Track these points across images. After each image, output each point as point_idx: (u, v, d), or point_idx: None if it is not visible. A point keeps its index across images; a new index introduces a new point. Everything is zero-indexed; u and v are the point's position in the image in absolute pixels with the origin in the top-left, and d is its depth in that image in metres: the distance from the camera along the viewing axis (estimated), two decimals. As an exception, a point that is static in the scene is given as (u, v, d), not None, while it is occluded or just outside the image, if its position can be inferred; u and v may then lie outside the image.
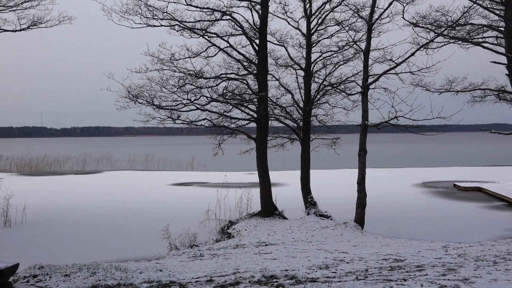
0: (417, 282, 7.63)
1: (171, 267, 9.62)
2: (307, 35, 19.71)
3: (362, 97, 16.54)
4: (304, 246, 12.59)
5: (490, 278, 7.96)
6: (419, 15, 17.89)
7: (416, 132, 15.74)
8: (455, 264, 9.62)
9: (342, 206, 20.42)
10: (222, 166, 46.18)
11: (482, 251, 11.67)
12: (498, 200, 23.97)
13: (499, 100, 19.00)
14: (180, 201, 24.29)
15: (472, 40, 18.08)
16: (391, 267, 9.25)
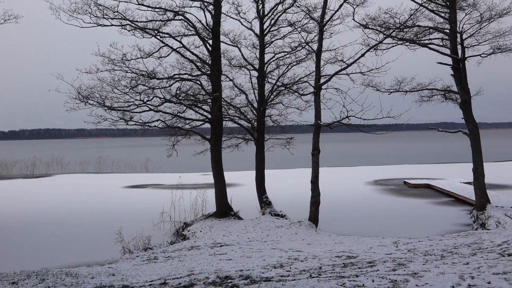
0: (369, 278, 7.81)
1: (124, 271, 9.45)
2: (260, 36, 19.83)
3: (314, 97, 16.77)
4: (259, 246, 12.65)
5: (437, 271, 8.24)
6: (369, 17, 18.36)
7: (367, 131, 16.11)
8: (405, 259, 9.91)
9: (296, 205, 20.62)
10: (177, 167, 45.74)
11: (431, 245, 12.06)
12: (446, 196, 24.84)
13: (445, 100, 19.71)
14: (134, 204, 23.89)
15: (419, 41, 18.68)
16: (344, 264, 9.43)
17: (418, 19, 18.71)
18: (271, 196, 19.86)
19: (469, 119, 17.95)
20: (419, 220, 18.39)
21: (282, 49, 20.36)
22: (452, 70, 18.01)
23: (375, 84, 18.74)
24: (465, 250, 10.83)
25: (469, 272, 8.11)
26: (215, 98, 17.86)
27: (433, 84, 19.31)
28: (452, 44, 17.98)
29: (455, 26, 17.73)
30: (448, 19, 17.80)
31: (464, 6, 18.23)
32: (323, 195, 17.31)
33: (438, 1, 18.05)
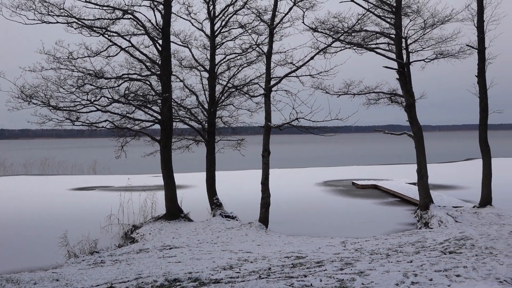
0: (317, 278, 7.93)
1: (69, 276, 9.17)
2: (211, 37, 19.76)
3: (265, 99, 16.88)
4: (209, 248, 12.59)
5: (383, 270, 8.47)
6: (318, 21, 18.65)
7: (316, 133, 16.34)
8: (352, 258, 10.12)
9: (247, 206, 20.68)
10: (126, 169, 44.86)
11: (377, 245, 12.38)
12: (392, 196, 25.58)
13: (391, 103, 20.27)
14: (81, 207, 23.23)
15: (367, 46, 19.17)
16: (293, 264, 9.53)
17: (366, 24, 19.19)
18: (221, 198, 19.82)
19: (413, 121, 18.56)
20: (366, 220, 18.83)
21: (233, 51, 20.40)
22: (398, 74, 18.57)
23: (325, 87, 19.06)
24: (409, 249, 11.17)
25: (413, 270, 8.38)
26: (165, 98, 17.64)
27: (380, 88, 19.85)
28: (398, 48, 18.55)
29: (400, 31, 18.29)
30: (394, 25, 18.35)
31: (409, 13, 18.85)
32: (273, 196, 17.43)
33: (385, 7, 18.57)
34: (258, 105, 20.61)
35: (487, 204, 18.16)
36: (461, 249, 10.55)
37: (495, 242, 11.12)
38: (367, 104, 20.52)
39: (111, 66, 17.90)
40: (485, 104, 18.51)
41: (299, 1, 16.98)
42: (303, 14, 17.36)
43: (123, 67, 18.44)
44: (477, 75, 18.52)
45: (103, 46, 17.54)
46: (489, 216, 16.08)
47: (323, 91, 19.13)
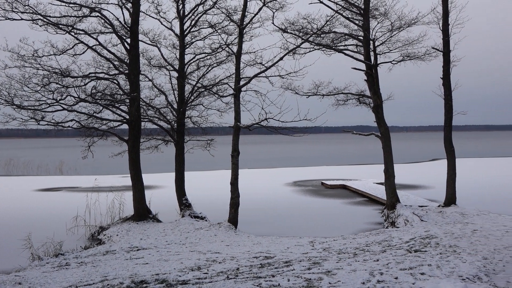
0: (285, 277, 7.95)
1: (32, 279, 8.94)
2: (181, 36, 19.61)
3: (234, 99, 16.86)
4: (177, 249, 12.48)
5: (350, 269, 8.56)
6: (288, 22, 18.72)
7: (286, 133, 16.42)
8: (320, 257, 10.20)
9: (216, 206, 20.61)
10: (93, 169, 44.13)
11: (345, 244, 12.51)
12: (360, 196, 25.91)
13: (360, 104, 20.52)
14: (46, 208, 22.70)
15: (336, 47, 19.35)
16: (261, 264, 9.53)
17: (335, 25, 19.38)
18: (191, 198, 19.69)
19: (380, 122, 18.84)
20: (334, 220, 19.01)
21: (203, 50, 20.27)
22: (366, 75, 18.82)
23: (294, 88, 19.14)
24: (376, 248, 11.34)
25: (379, 268, 8.50)
26: (133, 98, 17.42)
27: (348, 89, 20.06)
28: (366, 50, 18.80)
29: (368, 33, 18.55)
30: (362, 27, 18.58)
31: (377, 15, 19.12)
32: (242, 197, 17.43)
33: (353, 9, 18.79)
34: (227, 105, 20.56)
35: (452, 203, 18.58)
36: (426, 247, 10.75)
37: (458, 241, 11.39)
38: (336, 105, 20.70)
39: (77, 64, 17.58)
40: (450, 105, 18.94)
41: (269, 2, 17.03)
42: (273, 15, 17.41)
43: (90, 65, 18.12)
44: (442, 77, 18.94)
45: (69, 44, 17.19)
46: (453, 215, 16.46)
47: (293, 91, 19.21)
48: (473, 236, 12.03)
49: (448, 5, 18.56)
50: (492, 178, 32.14)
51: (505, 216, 15.77)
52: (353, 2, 18.50)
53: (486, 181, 30.80)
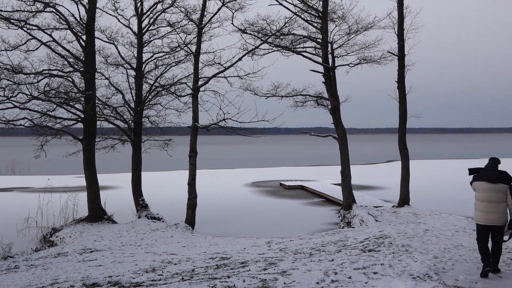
0: (240, 278, 7.94)
1: (-23, 283, 8.59)
2: (138, 34, 19.31)
3: (192, 99, 16.75)
4: (132, 250, 12.27)
5: (305, 269, 8.63)
6: (248, 22, 18.75)
7: (244, 134, 16.43)
8: (276, 258, 10.24)
9: (174, 207, 20.41)
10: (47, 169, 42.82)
11: (301, 244, 12.62)
12: (318, 196, 26.21)
13: (318, 106, 20.76)
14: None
15: (294, 49, 19.51)
16: (217, 265, 9.49)
17: (294, 27, 19.54)
18: (148, 199, 19.41)
19: (338, 124, 19.11)
20: (292, 220, 19.15)
21: (161, 49, 20.03)
22: (324, 77, 19.06)
23: (253, 88, 19.19)
24: (331, 248, 11.49)
25: (333, 268, 8.61)
26: (88, 96, 17.01)
27: (307, 90, 20.25)
28: (324, 53, 19.03)
29: (326, 36, 18.79)
30: (320, 29, 18.81)
31: (335, 18, 19.39)
32: (200, 197, 17.32)
33: (312, 12, 19.00)
34: (186, 105, 20.35)
35: (405, 203, 19.04)
36: (379, 247, 10.97)
37: (411, 240, 11.67)
38: (295, 106, 20.86)
39: (29, 61, 17.04)
40: (404, 108, 19.41)
41: (228, 2, 17.00)
42: (232, 15, 17.42)
43: (44, 62, 17.59)
44: (397, 81, 19.39)
45: (22, 40, 16.68)
46: (406, 215, 16.88)
47: (252, 92, 19.26)
48: (425, 236, 12.36)
49: (404, 11, 19.01)
50: (444, 179, 33.18)
51: (455, 216, 16.27)
52: (312, 4, 18.70)
53: (439, 182, 31.77)
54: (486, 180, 8.12)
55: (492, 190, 8.04)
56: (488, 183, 8.09)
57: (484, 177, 8.17)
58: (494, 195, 8.03)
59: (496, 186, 8.02)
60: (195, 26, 18.07)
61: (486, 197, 8.08)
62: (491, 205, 8.04)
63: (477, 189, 8.26)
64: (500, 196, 8.01)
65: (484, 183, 8.14)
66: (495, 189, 8.02)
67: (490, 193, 8.05)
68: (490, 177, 8.11)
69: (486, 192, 8.09)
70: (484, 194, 8.11)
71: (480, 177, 8.26)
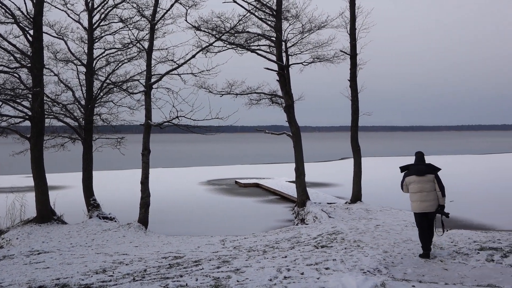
0: (193, 277, 7.86)
1: None
2: (89, 30, 18.81)
3: (145, 96, 16.48)
4: (82, 251, 11.95)
5: (258, 266, 8.64)
6: (202, 20, 18.60)
7: (197, 132, 16.31)
8: (230, 256, 10.21)
9: (127, 207, 20.06)
10: (-7, 169, 41.20)
11: (255, 242, 12.64)
12: (273, 194, 26.38)
13: (272, 104, 20.85)
14: None
15: (249, 47, 19.53)
16: (170, 264, 9.37)
17: (248, 25, 19.54)
18: (99, 199, 18.95)
19: (292, 122, 19.28)
20: (247, 218, 19.19)
21: (113, 45, 19.59)
22: (278, 75, 19.17)
23: (208, 86, 19.08)
24: (285, 244, 11.56)
25: (286, 265, 8.66)
26: (35, 93, 16.42)
27: (261, 88, 20.32)
28: (278, 51, 19.15)
29: (280, 34, 18.90)
30: (274, 28, 18.91)
31: (289, 17, 19.53)
32: (154, 196, 17.10)
33: (266, 10, 19.06)
34: (139, 102, 20.03)
35: (357, 200, 19.41)
36: (332, 243, 11.13)
37: (362, 236, 11.91)
38: (249, 104, 20.88)
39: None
40: (356, 106, 19.78)
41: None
42: (186, 12, 17.23)
43: (-12, 57, 16.87)
44: (349, 79, 19.72)
45: (-38, 34, 15.92)
46: (358, 211, 17.22)
47: (206, 90, 19.14)
48: (376, 231, 12.63)
49: (355, 10, 19.36)
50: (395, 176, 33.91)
51: (405, 212, 16.73)
52: (266, 3, 18.76)
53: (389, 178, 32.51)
54: (416, 174, 9.27)
55: (422, 181, 9.19)
56: (418, 176, 9.23)
57: (413, 172, 9.33)
58: (425, 185, 9.17)
59: (425, 178, 9.18)
60: (147, 22, 17.78)
61: (419, 188, 9.20)
62: (423, 195, 9.17)
63: (410, 183, 9.35)
64: (430, 186, 9.16)
65: (415, 177, 9.27)
66: (425, 180, 9.18)
67: (421, 184, 9.19)
68: (419, 170, 9.27)
69: (418, 184, 9.21)
70: (416, 186, 9.22)
71: (410, 172, 9.40)
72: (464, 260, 8.98)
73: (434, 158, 52.97)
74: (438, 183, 9.20)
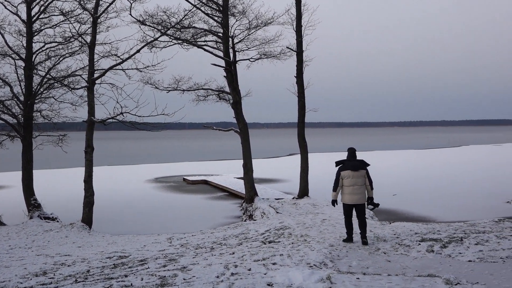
0: (138, 277, 7.68)
1: None
2: (28, 23, 18.05)
3: (87, 92, 15.97)
4: (21, 254, 11.45)
5: (205, 263, 8.56)
6: (147, 14, 18.20)
7: (143, 128, 15.99)
8: (177, 254, 10.07)
9: (70, 206, 19.46)
10: None
11: (203, 239, 12.54)
12: (221, 191, 26.31)
13: (220, 100, 20.73)
14: None
15: (195, 42, 19.31)
16: (114, 264, 9.14)
17: (195, 21, 19.31)
18: (41, 198, 18.25)
19: (239, 118, 19.25)
20: (195, 215, 19.04)
21: (54, 39, 18.87)
22: (225, 71, 19.08)
23: (154, 82, 18.74)
24: (233, 241, 11.53)
25: (234, 261, 8.62)
26: (-31, 88, 15.60)
27: (209, 85, 20.16)
28: (225, 47, 19.05)
29: (227, 30, 18.81)
30: (221, 23, 18.80)
31: (235, 13, 19.46)
32: (99, 195, 16.66)
33: (212, 6, 18.91)
34: (81, 98, 19.37)
35: (305, 195, 19.65)
36: (279, 238, 11.20)
37: (309, 230, 12.04)
38: (197, 100, 20.67)
39: None
40: (303, 103, 19.98)
41: (125, -8, 16.39)
42: (130, 6, 16.82)
43: None
44: (296, 76, 19.88)
45: None
46: (306, 206, 17.43)
47: (152, 86, 18.78)
48: (322, 225, 12.81)
49: (301, 8, 19.52)
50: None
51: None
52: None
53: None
54: (350, 169, 9.97)
55: (355, 176, 9.93)
56: (352, 171, 9.94)
57: (348, 167, 10.01)
58: (357, 180, 9.93)
59: (358, 173, 9.94)
60: (90, 16, 17.22)
61: (352, 182, 9.92)
62: (355, 188, 9.93)
63: (344, 177, 10.00)
64: (361, 180, 9.95)
65: (350, 172, 9.95)
66: (358, 175, 9.94)
67: (355, 178, 9.92)
68: (353, 166, 10.00)
69: (352, 178, 9.92)
70: (350, 180, 9.93)
71: (345, 167, 10.06)
72: (406, 251, 9.26)
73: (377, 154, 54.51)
74: (368, 178, 10.04)
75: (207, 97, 20.69)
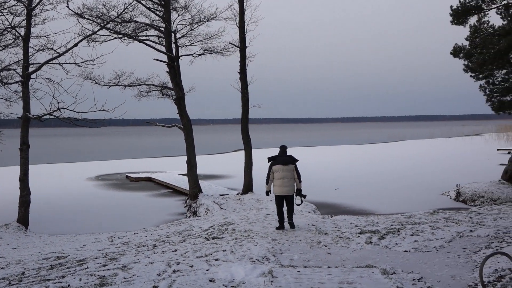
0: (76, 277, 7.47)
1: None
2: (-44, 14, 17.02)
3: (22, 87, 15.31)
4: (-50, 257, 10.84)
5: (147, 261, 8.44)
6: (86, 7, 17.63)
7: (81, 125, 15.51)
8: (118, 253, 9.87)
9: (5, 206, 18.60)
10: None
11: (145, 237, 12.36)
12: (165, 188, 25.97)
13: (162, 96, 20.44)
14: None
15: (136, 37, 18.92)
16: (51, 265, 8.84)
17: (136, 15, 18.90)
18: (-28, 199, 17.38)
19: (183, 114, 19.07)
20: (138, 213, 18.69)
21: (-16, 32, 17.90)
22: (167, 67, 18.82)
23: (94, 77, 18.20)
24: (176, 238, 11.42)
25: (176, 258, 8.56)
26: None
27: (151, 80, 19.81)
28: (167, 42, 18.79)
29: (169, 25, 18.55)
30: (163, 18, 18.51)
31: (178, 7, 19.23)
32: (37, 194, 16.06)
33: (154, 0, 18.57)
34: (16, 93, 18.50)
35: (249, 191, 19.74)
36: (223, 234, 11.20)
37: (253, 225, 12.12)
38: (139, 96, 20.28)
39: None
40: (246, 99, 20.02)
41: (62, -17, 15.80)
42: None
43: None
44: (239, 72, 19.90)
45: None
46: (250, 201, 17.52)
47: (92, 81, 18.25)
48: (266, 220, 12.93)
49: (244, 4, 19.54)
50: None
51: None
52: (154, -8, 18.28)
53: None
54: (281, 163, 11.17)
55: (285, 170, 11.13)
56: (282, 165, 11.15)
57: (279, 162, 11.21)
58: (287, 174, 11.13)
59: (288, 167, 11.16)
60: (24, 7, 16.47)
61: (282, 176, 11.11)
62: (285, 181, 11.12)
63: (275, 171, 11.18)
64: (290, 174, 11.18)
65: (280, 166, 11.16)
66: (287, 169, 11.15)
67: (284, 172, 11.11)
68: (284, 161, 11.21)
69: (281, 172, 11.11)
70: (280, 174, 11.12)
71: (277, 162, 11.24)
72: (346, 243, 9.50)
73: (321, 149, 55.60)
74: (297, 172, 11.29)
75: (149, 92, 20.35)
